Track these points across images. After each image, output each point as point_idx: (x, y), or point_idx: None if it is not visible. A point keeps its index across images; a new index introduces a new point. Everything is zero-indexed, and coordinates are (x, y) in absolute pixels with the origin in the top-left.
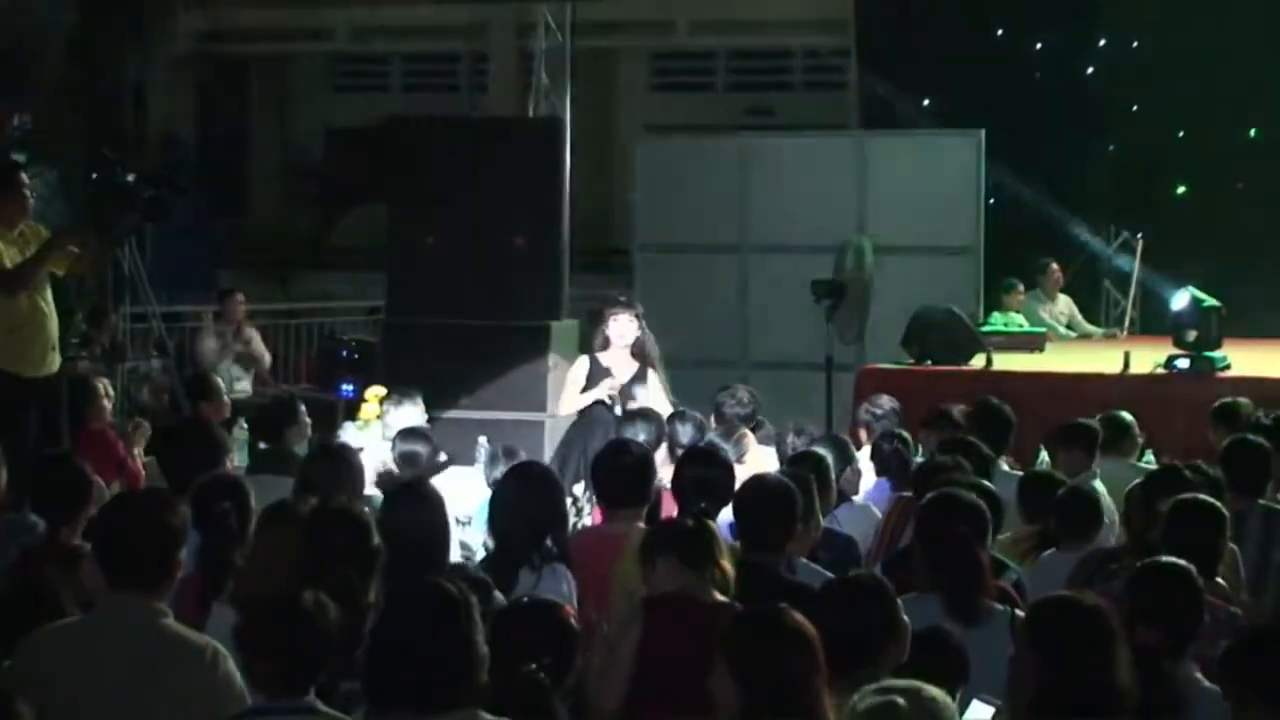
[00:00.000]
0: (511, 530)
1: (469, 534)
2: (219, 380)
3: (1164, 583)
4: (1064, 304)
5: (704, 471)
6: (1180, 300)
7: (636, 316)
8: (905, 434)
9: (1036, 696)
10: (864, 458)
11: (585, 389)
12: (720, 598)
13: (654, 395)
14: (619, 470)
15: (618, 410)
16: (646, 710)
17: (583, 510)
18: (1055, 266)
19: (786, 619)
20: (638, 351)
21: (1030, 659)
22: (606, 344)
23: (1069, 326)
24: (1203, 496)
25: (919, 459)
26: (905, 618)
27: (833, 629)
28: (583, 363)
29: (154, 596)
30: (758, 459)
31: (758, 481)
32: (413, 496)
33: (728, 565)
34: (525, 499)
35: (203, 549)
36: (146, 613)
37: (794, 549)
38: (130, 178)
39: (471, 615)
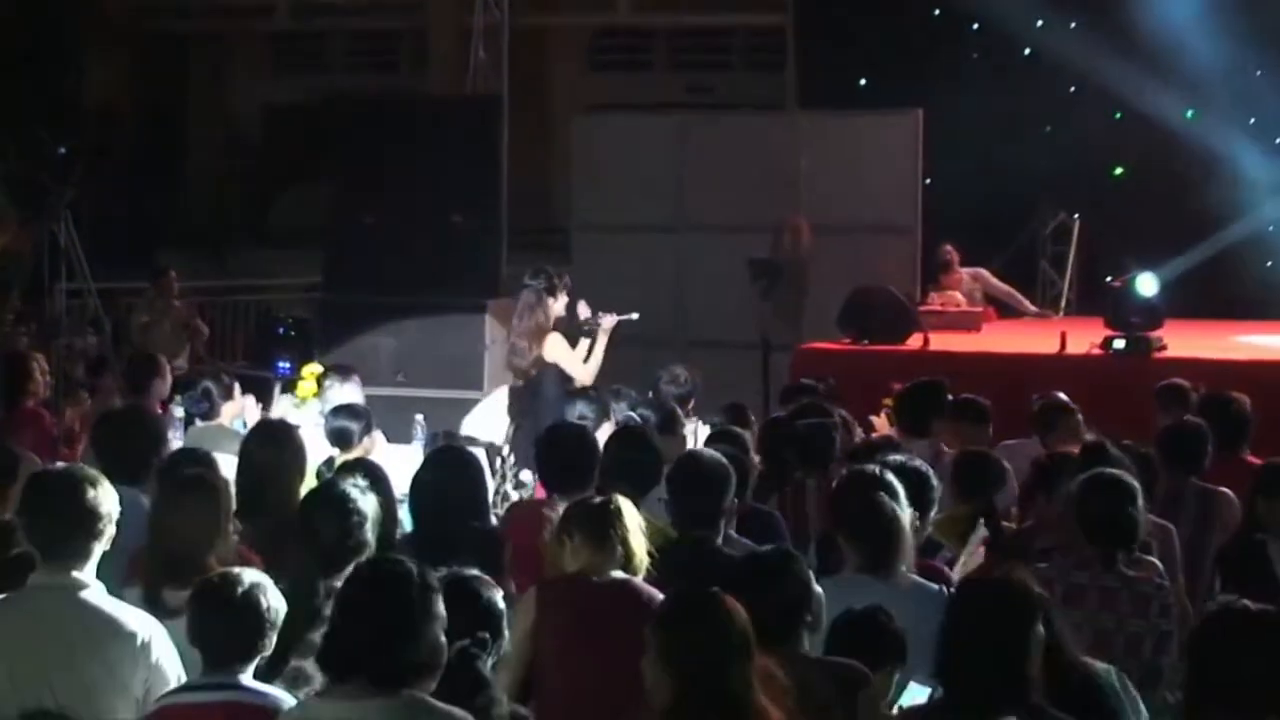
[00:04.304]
0: (433, 516)
1: (406, 512)
2: (164, 362)
3: None
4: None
5: (633, 455)
6: (1147, 285)
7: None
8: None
9: (958, 673)
10: None
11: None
12: (619, 574)
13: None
14: (560, 452)
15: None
16: (547, 693)
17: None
18: (948, 248)
19: (719, 604)
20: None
21: (953, 636)
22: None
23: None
24: (1111, 470)
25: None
26: (819, 589)
27: (751, 606)
28: (559, 340)
29: (80, 571)
30: (691, 432)
31: (693, 459)
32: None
33: (636, 542)
34: (446, 486)
35: None
36: (73, 587)
37: None
38: (62, 151)
39: (428, 596)
